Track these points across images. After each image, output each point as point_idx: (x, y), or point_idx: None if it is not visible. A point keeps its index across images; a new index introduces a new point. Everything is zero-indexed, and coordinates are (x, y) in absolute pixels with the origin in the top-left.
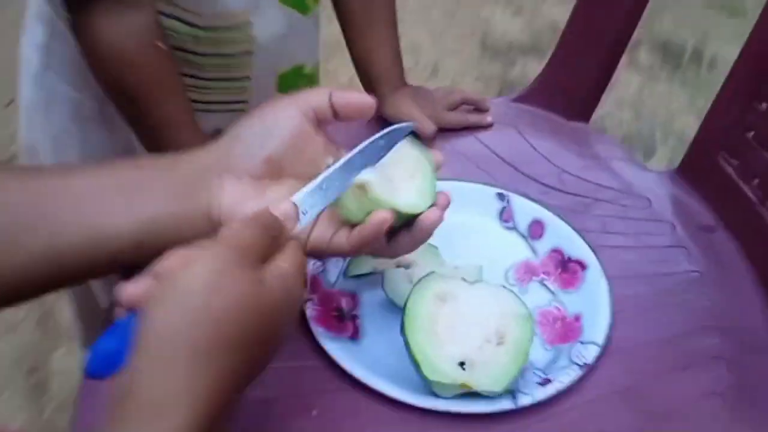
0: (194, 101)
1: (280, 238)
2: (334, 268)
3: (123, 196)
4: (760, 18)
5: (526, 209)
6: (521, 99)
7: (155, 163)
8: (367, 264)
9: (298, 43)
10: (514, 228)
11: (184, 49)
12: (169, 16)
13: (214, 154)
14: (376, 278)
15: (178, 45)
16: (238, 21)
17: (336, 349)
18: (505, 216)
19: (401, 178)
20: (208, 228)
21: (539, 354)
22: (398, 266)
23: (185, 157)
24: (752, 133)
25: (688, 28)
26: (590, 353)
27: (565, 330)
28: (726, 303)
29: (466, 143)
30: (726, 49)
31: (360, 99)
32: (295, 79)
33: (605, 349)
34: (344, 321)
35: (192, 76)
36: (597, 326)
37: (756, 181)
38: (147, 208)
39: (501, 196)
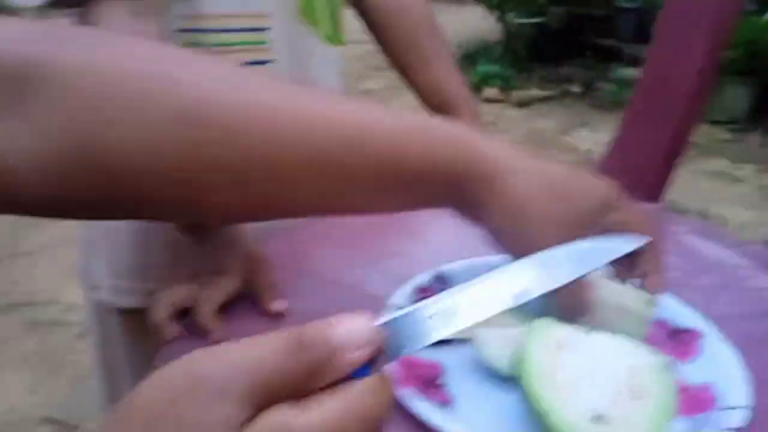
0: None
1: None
2: None
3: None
4: None
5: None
6: None
7: None
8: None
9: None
10: None
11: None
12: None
13: None
14: (456, 345)
15: None
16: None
17: (432, 412)
18: None
19: None
20: None
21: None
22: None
23: None
24: None
25: (692, 192)
26: (737, 418)
27: (692, 401)
28: None
29: None
30: (730, 210)
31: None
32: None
33: (756, 415)
34: (429, 388)
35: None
36: (735, 391)
37: None
38: None
39: None
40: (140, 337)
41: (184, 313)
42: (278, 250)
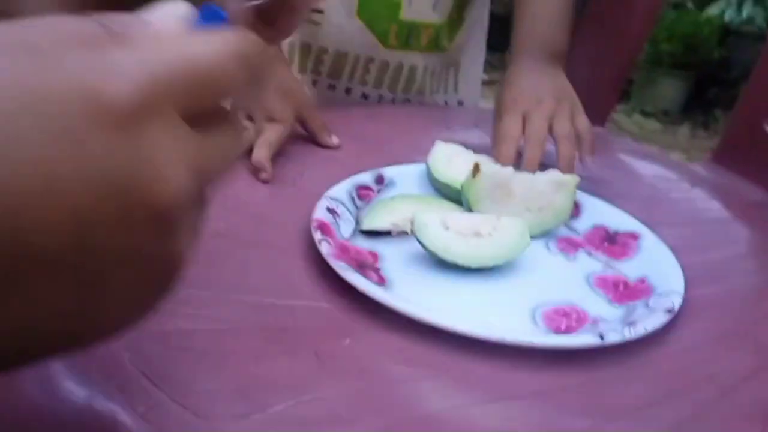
0: None
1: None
2: (345, 223)
3: None
4: None
5: None
6: None
7: None
8: (383, 219)
9: None
10: None
11: None
12: None
13: None
14: (396, 239)
15: None
16: None
17: (367, 285)
18: None
19: None
20: None
21: (607, 311)
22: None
23: None
24: None
25: None
26: (673, 302)
27: (630, 291)
28: None
29: (475, 137)
30: None
31: None
32: (378, 5)
33: (686, 303)
34: (366, 270)
35: None
36: (671, 281)
37: None
38: None
39: None
40: None
41: None
42: None
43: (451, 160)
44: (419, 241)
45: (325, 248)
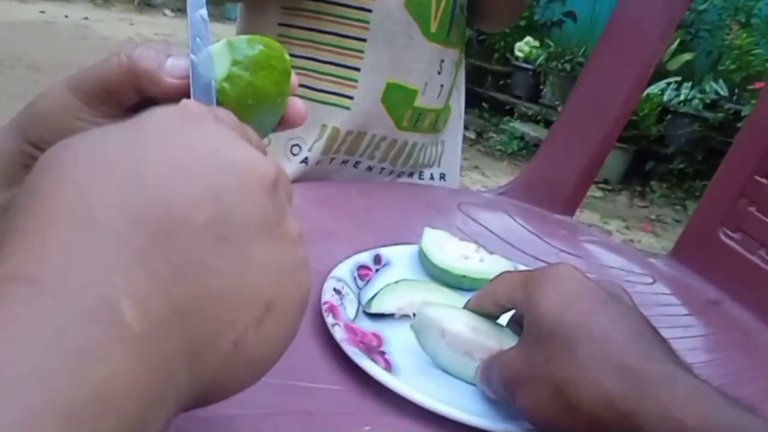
0: (306, 87)
1: None
2: (349, 304)
3: None
4: (761, 98)
5: None
6: (507, 193)
7: None
8: (389, 304)
9: (416, 66)
10: None
11: (307, 27)
12: None
13: None
14: (399, 321)
15: (300, 24)
16: (360, 3)
17: (378, 371)
18: None
19: None
20: None
21: None
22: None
23: None
24: (754, 207)
25: None
26: None
27: None
28: (763, 356)
29: (458, 220)
30: None
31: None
32: (400, 94)
33: None
34: (373, 354)
35: (308, 58)
36: None
37: (763, 250)
38: None
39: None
40: None
41: None
42: None
43: (442, 246)
44: (418, 340)
45: (338, 333)
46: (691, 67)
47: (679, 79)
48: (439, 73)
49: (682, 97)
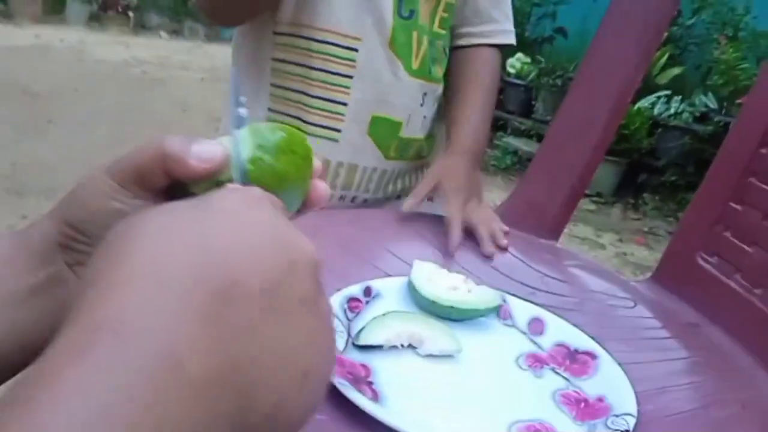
0: (298, 119)
1: None
2: (338, 336)
3: None
4: (737, 120)
5: (523, 308)
6: None
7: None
8: (377, 335)
9: (399, 100)
10: (513, 326)
11: (299, 63)
12: (289, 34)
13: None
14: (387, 352)
15: (293, 60)
16: (346, 42)
17: (364, 401)
18: (503, 314)
19: None
20: None
21: (573, 429)
22: (410, 343)
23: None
24: (729, 232)
25: None
26: (628, 422)
27: (591, 409)
28: (738, 379)
29: (446, 247)
30: None
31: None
32: (385, 126)
33: (639, 420)
34: (360, 384)
35: (300, 92)
36: (625, 402)
37: (739, 274)
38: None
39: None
40: None
41: None
42: None
43: (431, 278)
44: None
45: None
46: (680, 81)
47: (669, 92)
48: (421, 105)
49: (672, 111)
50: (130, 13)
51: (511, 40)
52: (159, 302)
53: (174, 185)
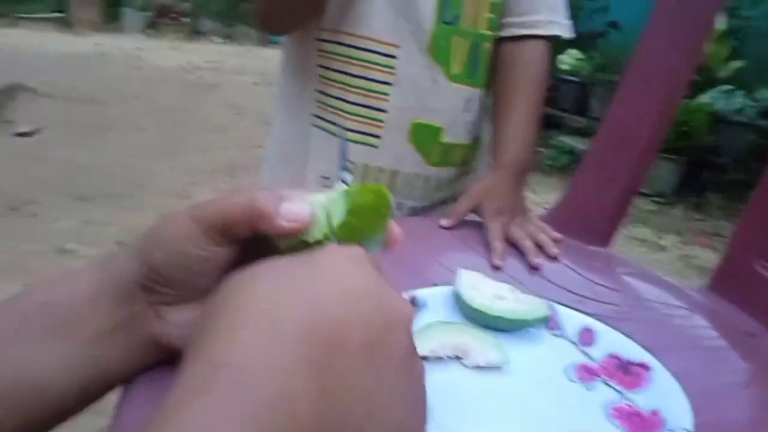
0: (337, 125)
1: None
2: None
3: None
4: None
5: (573, 317)
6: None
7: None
8: (423, 346)
9: (440, 106)
10: (562, 336)
11: (339, 70)
12: (330, 41)
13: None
14: (433, 363)
15: (333, 67)
16: (384, 49)
17: None
18: (551, 324)
19: None
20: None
21: None
22: (456, 354)
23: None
24: None
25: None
26: None
27: (645, 423)
28: None
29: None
30: None
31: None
32: (426, 131)
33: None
34: None
35: (339, 99)
36: (680, 415)
37: None
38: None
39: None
40: None
41: None
42: None
43: (476, 287)
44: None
45: None
46: (743, 75)
47: (731, 87)
48: (464, 110)
49: (734, 106)
50: (184, 20)
51: (561, 31)
52: (274, 349)
53: (255, 237)
